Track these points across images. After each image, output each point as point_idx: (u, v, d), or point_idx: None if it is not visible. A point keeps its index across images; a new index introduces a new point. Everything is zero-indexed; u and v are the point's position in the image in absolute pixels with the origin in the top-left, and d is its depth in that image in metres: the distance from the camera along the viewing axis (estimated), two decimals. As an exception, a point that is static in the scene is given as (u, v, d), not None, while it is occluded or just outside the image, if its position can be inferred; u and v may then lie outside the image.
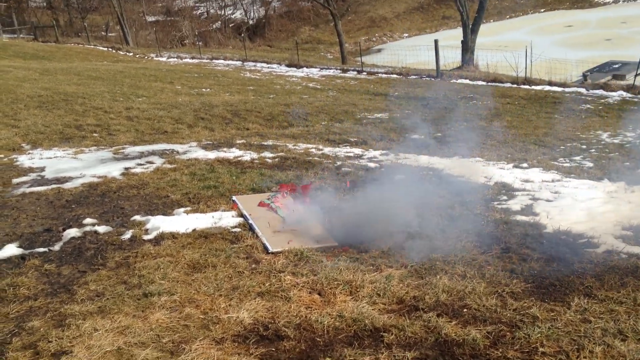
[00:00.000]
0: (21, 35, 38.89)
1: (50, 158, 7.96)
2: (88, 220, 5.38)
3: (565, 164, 7.66)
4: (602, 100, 14.35)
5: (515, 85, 17.33)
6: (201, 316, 3.60)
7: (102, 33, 42.83)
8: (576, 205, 5.69)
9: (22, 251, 4.70)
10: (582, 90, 16.15)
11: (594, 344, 3.14)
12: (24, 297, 3.91)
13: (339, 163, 7.63)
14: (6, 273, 4.29)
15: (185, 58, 29.24)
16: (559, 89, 16.47)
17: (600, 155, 8.25)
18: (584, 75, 18.79)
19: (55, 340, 3.33)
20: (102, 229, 5.18)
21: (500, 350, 3.14)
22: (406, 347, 3.20)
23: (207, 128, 10.51)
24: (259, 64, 26.01)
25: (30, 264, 4.45)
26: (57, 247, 4.80)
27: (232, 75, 20.66)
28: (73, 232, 5.07)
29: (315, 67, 24.29)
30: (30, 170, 7.31)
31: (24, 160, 7.79)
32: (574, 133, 10.04)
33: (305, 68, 24.10)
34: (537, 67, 18.15)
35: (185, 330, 3.43)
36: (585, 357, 3.03)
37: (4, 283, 4.09)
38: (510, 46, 23.04)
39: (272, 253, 4.59)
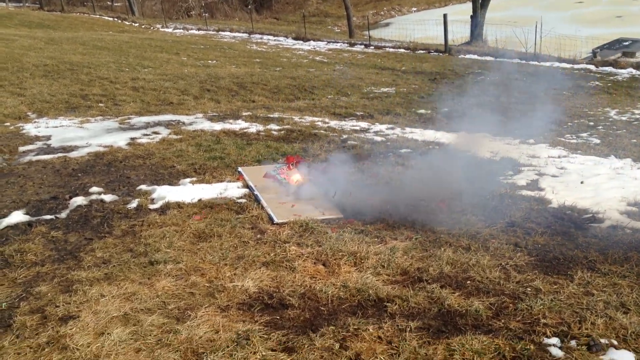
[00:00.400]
0: (27, 4, 38.64)
1: (56, 127, 7.98)
2: (94, 189, 5.40)
3: (572, 141, 7.63)
4: (611, 78, 14.23)
5: (524, 61, 17.17)
6: (206, 284, 3.63)
7: (108, 3, 42.49)
8: (582, 181, 5.67)
9: (29, 218, 4.73)
10: (591, 67, 16.01)
11: (596, 316, 3.16)
12: (31, 263, 3.95)
13: (344, 136, 7.61)
14: (13, 239, 4.33)
15: (192, 29, 29.05)
16: (568, 66, 16.32)
17: (608, 132, 8.21)
18: (594, 52, 18.59)
19: (63, 305, 3.37)
20: (108, 197, 5.20)
21: (503, 321, 3.17)
22: (409, 317, 3.23)
23: (213, 100, 10.49)
24: (265, 37, 25.82)
25: (37, 230, 4.48)
26: (63, 215, 4.83)
27: (239, 47, 20.54)
28: (79, 200, 5.10)
29: (323, 41, 24.11)
30: (37, 138, 7.33)
31: (30, 129, 7.80)
32: (582, 110, 9.98)
33: (312, 41, 23.92)
34: (546, 43, 17.95)
35: (191, 298, 3.47)
36: (587, 329, 3.05)
37: (12, 249, 4.13)
38: (519, 22, 22.76)
39: (277, 224, 4.61)
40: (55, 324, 3.17)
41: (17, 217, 4.71)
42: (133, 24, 31.19)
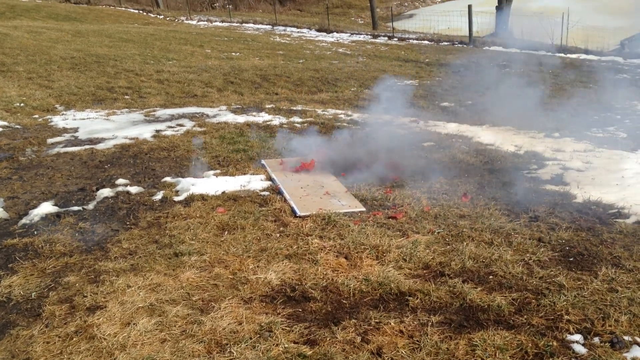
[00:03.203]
0: (54, -3, 39.04)
1: (84, 119, 8.10)
2: (120, 181, 5.49)
3: (598, 134, 7.53)
4: (640, 70, 13.97)
5: (549, 53, 16.94)
6: (230, 276, 3.68)
7: (133, -5, 42.76)
8: (608, 175, 5.61)
9: (58, 209, 4.83)
10: (619, 59, 15.74)
11: (619, 313, 3.14)
12: (59, 254, 4.04)
13: (367, 129, 7.61)
14: (42, 230, 4.43)
15: (216, 21, 29.15)
16: (595, 57, 16.08)
17: (635, 125, 8.07)
18: (622, 44, 18.23)
19: (90, 295, 3.45)
20: (134, 189, 5.28)
21: (525, 316, 3.16)
22: (431, 312, 3.24)
23: (237, 92, 10.55)
24: (288, 29, 25.81)
25: (65, 221, 4.58)
26: (91, 206, 4.92)
27: (262, 39, 20.57)
28: (106, 192, 5.19)
29: (346, 32, 24.03)
30: (64, 130, 7.46)
31: (58, 121, 7.94)
32: (609, 103, 9.83)
33: (335, 33, 23.85)
34: (574, 35, 17.69)
35: (215, 289, 3.52)
36: (610, 326, 3.03)
37: (41, 239, 4.23)
38: (546, 12, 22.43)
39: (300, 217, 4.64)
40: (83, 314, 3.25)
41: (46, 208, 4.81)
42: (158, 16, 31.39)
